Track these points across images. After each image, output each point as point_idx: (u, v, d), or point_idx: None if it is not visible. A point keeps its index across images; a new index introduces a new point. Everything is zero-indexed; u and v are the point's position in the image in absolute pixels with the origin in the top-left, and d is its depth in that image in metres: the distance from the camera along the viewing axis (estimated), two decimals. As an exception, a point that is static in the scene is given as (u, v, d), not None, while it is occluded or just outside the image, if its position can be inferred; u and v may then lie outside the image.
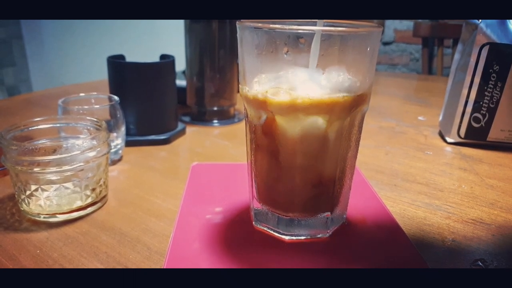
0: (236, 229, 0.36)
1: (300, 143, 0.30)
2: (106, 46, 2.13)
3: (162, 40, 1.98)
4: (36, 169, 0.35)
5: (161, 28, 2.00)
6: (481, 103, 0.55)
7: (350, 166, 0.34)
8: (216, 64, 0.65)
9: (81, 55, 2.29)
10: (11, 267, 0.31)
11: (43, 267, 0.31)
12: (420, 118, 0.73)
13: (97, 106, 0.52)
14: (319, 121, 0.30)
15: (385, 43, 1.96)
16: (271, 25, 0.29)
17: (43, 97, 0.87)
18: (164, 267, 0.30)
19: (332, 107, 0.29)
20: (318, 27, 0.29)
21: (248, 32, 0.30)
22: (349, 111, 0.30)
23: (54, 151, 0.37)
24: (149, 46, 1.99)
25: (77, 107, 0.48)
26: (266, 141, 0.32)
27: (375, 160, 0.53)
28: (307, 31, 0.28)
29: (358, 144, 0.34)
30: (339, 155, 0.32)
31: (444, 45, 1.50)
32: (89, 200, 0.39)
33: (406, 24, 1.88)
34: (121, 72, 0.56)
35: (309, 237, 0.34)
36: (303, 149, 0.31)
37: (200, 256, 0.32)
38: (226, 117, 0.70)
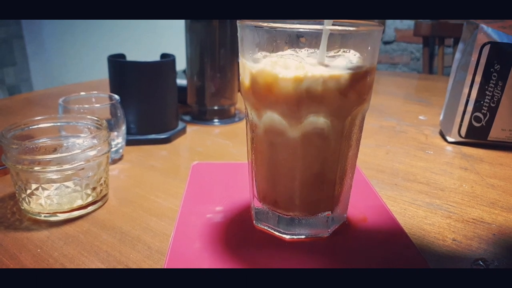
0: (236, 228, 0.36)
1: (301, 142, 0.30)
2: (106, 45, 2.13)
3: (163, 39, 1.98)
4: (36, 168, 0.35)
5: (161, 27, 2.00)
6: (482, 102, 0.55)
7: (351, 166, 0.34)
8: (216, 63, 0.65)
9: (81, 55, 2.29)
10: (11, 266, 0.31)
11: (43, 266, 0.31)
12: (421, 117, 0.73)
13: (98, 105, 0.52)
14: (320, 120, 0.30)
15: (386, 42, 1.96)
16: (271, 24, 0.29)
17: (44, 97, 0.87)
18: (165, 266, 0.30)
19: (338, 85, 0.28)
20: (324, 26, 0.28)
21: (248, 31, 0.30)
22: (352, 99, 0.30)
23: (54, 150, 0.37)
24: (150, 45, 2.00)
25: (77, 106, 0.48)
26: (266, 140, 0.32)
27: (375, 159, 0.53)
28: (308, 30, 0.28)
29: (359, 143, 0.34)
30: (340, 154, 0.32)
31: (445, 44, 1.50)
32: (90, 199, 0.39)
33: (407, 23, 1.88)
34: (122, 71, 0.56)
35: (309, 236, 0.34)
36: (303, 148, 0.31)
37: (200, 255, 0.32)
38: (226, 116, 0.70)
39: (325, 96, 0.29)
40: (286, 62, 0.28)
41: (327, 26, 0.28)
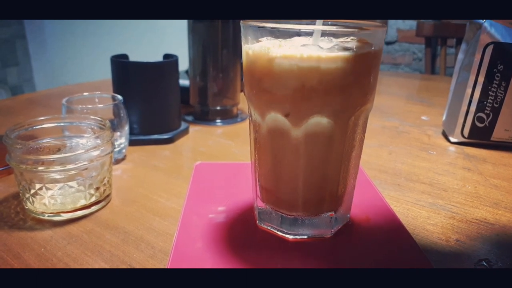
0: (239, 229, 0.36)
1: (304, 142, 0.30)
2: (109, 45, 2.14)
3: (166, 39, 1.99)
4: (40, 168, 0.35)
5: (164, 27, 2.00)
6: (485, 102, 0.55)
7: (354, 166, 0.34)
8: (219, 64, 0.65)
9: (84, 55, 2.30)
10: (15, 265, 0.31)
11: (47, 265, 0.31)
12: (423, 117, 0.73)
13: (101, 105, 0.52)
14: (323, 121, 0.30)
15: (388, 43, 1.96)
16: (274, 24, 0.29)
17: (46, 97, 0.87)
18: (168, 266, 0.30)
19: (341, 67, 0.28)
20: (318, 26, 0.28)
21: (251, 31, 0.30)
22: (353, 94, 0.30)
23: (58, 150, 0.37)
24: (153, 45, 2.00)
25: (80, 106, 0.48)
26: (269, 140, 0.32)
27: (378, 159, 0.53)
28: (311, 30, 0.28)
29: (362, 144, 0.34)
30: (343, 154, 0.32)
31: (447, 45, 1.49)
32: (93, 199, 0.39)
33: (409, 24, 1.88)
34: (125, 72, 0.56)
35: (313, 236, 0.34)
36: (307, 149, 0.31)
37: (203, 255, 0.32)
38: (229, 116, 0.70)
39: (322, 86, 0.28)
40: (282, 44, 0.28)
41: (319, 25, 0.28)
